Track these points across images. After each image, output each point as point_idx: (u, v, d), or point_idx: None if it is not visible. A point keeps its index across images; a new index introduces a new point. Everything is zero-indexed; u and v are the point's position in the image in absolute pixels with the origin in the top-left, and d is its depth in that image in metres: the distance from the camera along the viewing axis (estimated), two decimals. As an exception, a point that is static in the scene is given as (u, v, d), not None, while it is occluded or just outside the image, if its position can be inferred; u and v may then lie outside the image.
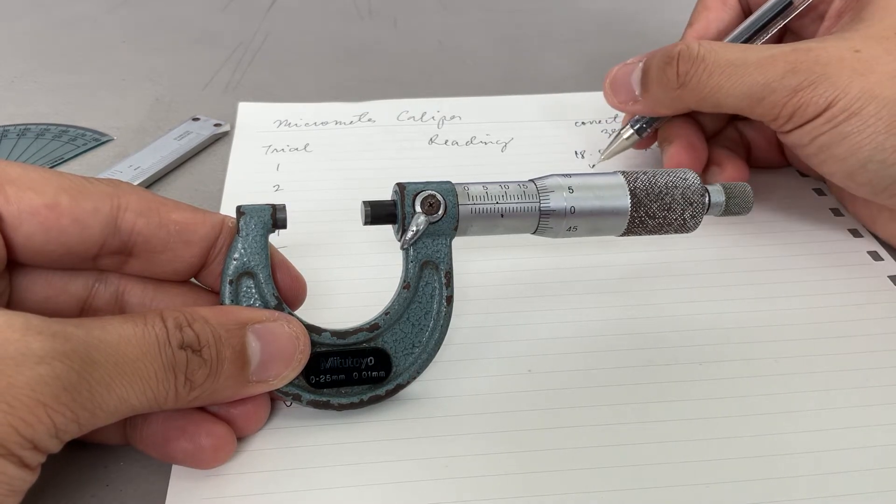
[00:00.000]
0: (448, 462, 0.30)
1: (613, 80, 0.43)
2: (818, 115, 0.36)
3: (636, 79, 0.41)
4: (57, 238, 0.27)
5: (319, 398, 0.30)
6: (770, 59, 0.37)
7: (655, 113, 0.43)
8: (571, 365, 0.34)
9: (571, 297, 0.38)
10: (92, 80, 0.58)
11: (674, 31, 0.50)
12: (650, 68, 0.41)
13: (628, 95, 0.42)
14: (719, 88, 0.37)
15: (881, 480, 0.29)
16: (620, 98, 0.43)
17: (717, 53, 0.38)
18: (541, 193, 0.32)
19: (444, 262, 0.32)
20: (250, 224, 0.30)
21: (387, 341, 0.31)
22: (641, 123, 0.44)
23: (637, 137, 0.44)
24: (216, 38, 0.66)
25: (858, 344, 0.35)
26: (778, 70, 0.36)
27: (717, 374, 0.34)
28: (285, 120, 0.52)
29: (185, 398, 0.26)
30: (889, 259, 0.41)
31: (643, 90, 0.41)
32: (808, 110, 0.36)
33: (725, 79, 0.37)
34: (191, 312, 0.27)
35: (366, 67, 0.62)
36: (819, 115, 0.36)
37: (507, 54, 0.64)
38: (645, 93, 0.41)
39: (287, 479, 0.29)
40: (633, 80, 0.42)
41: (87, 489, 0.29)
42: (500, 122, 0.53)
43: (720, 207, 0.35)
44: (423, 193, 0.31)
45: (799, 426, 0.31)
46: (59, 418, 0.22)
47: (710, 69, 0.38)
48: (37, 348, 0.22)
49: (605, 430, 0.31)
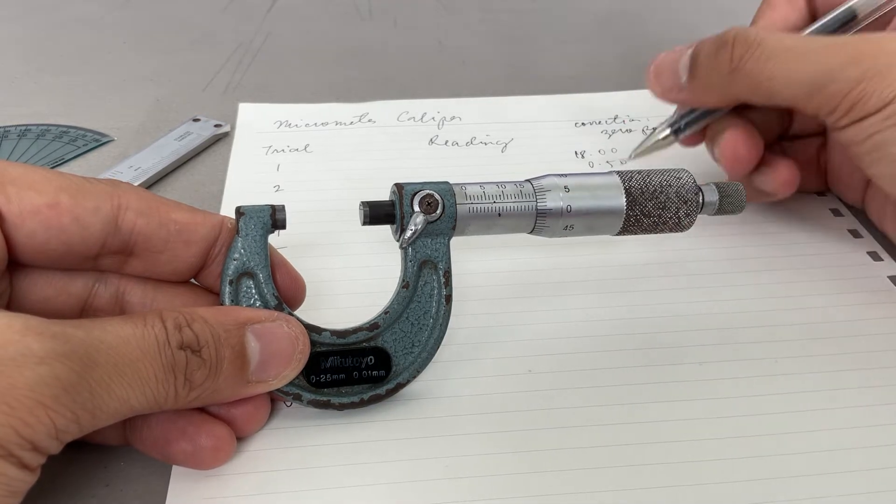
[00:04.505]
0: (448, 462, 0.30)
1: (658, 66, 0.40)
2: (879, 110, 0.33)
3: (684, 65, 0.39)
4: (58, 237, 0.27)
5: (320, 398, 0.30)
6: (833, 47, 0.34)
7: (700, 103, 0.40)
8: (571, 365, 0.34)
9: (571, 297, 0.38)
10: (92, 81, 0.58)
11: (674, 31, 0.49)
12: (700, 53, 0.38)
13: (673, 82, 0.39)
14: (775, 75, 0.35)
15: (881, 480, 0.29)
16: (665, 84, 0.40)
17: (776, 38, 0.36)
18: (537, 193, 0.33)
19: (443, 262, 0.32)
20: (250, 224, 0.30)
21: (386, 340, 0.31)
22: (680, 123, 0.41)
23: (673, 139, 0.42)
24: (216, 38, 0.66)
25: (858, 344, 0.35)
26: (840, 58, 0.34)
27: (717, 374, 0.34)
28: (285, 120, 0.52)
29: (185, 398, 0.26)
30: (889, 259, 0.41)
31: (690, 77, 0.39)
32: (869, 103, 0.34)
33: (783, 65, 0.35)
34: (190, 313, 0.27)
35: (366, 67, 0.62)
36: (881, 109, 0.33)
37: (507, 54, 0.64)
38: (692, 80, 0.38)
39: (287, 479, 0.29)
40: (680, 67, 0.39)
41: (87, 489, 0.29)
42: (499, 123, 0.53)
43: (714, 206, 0.35)
44: (422, 193, 0.31)
45: (799, 426, 0.31)
46: (59, 419, 0.22)
47: (768, 54, 0.35)
48: (37, 349, 0.22)
49: (604, 430, 0.31)
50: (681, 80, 0.39)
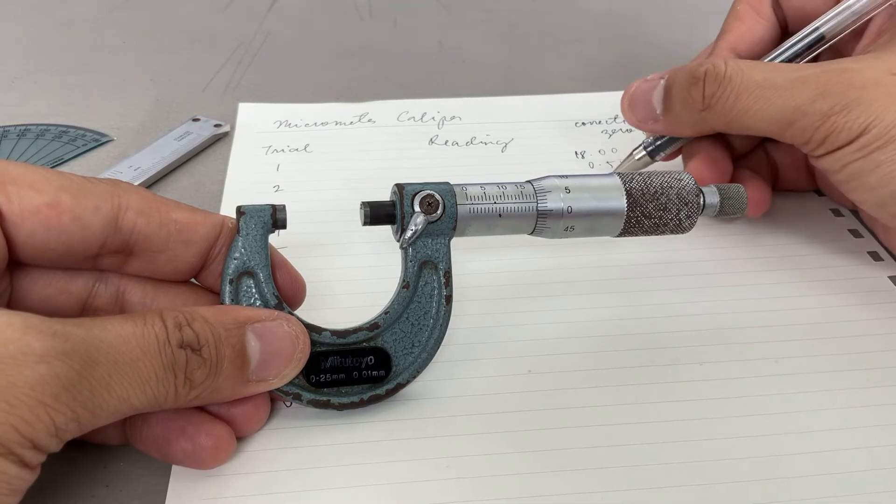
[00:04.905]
0: (448, 462, 0.30)
1: (633, 98, 0.41)
2: (850, 142, 0.34)
3: (658, 97, 0.39)
4: (58, 237, 0.27)
5: (320, 397, 0.30)
6: (800, 81, 0.35)
7: (677, 133, 0.41)
8: (571, 365, 0.34)
9: (571, 297, 0.38)
10: (92, 81, 0.58)
11: (673, 31, 0.49)
12: (673, 87, 0.38)
13: (648, 114, 0.40)
14: (746, 111, 0.36)
15: (881, 480, 0.29)
16: (639, 116, 0.40)
17: (745, 74, 0.36)
18: (538, 194, 0.33)
19: (443, 262, 0.32)
20: (250, 224, 0.30)
21: (386, 340, 0.31)
22: (656, 145, 0.42)
23: (649, 160, 0.43)
24: (216, 38, 0.66)
25: (858, 344, 0.35)
26: (809, 93, 0.34)
27: (717, 375, 0.34)
28: (285, 120, 0.52)
29: (185, 397, 0.26)
30: (889, 259, 0.41)
31: (665, 110, 0.39)
32: (840, 136, 0.34)
33: (753, 101, 0.35)
34: (190, 312, 0.27)
35: (366, 67, 0.62)
36: (851, 141, 0.34)
37: (507, 54, 0.64)
38: (667, 113, 0.39)
39: (287, 479, 0.29)
40: (654, 99, 0.39)
41: (87, 489, 0.29)
42: (500, 123, 0.53)
43: (715, 208, 0.35)
44: (422, 193, 0.31)
45: (799, 426, 0.31)
46: (59, 417, 0.22)
47: (738, 91, 0.36)
48: (37, 347, 0.22)
49: (605, 430, 0.31)
50: (655, 111, 0.40)
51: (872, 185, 0.35)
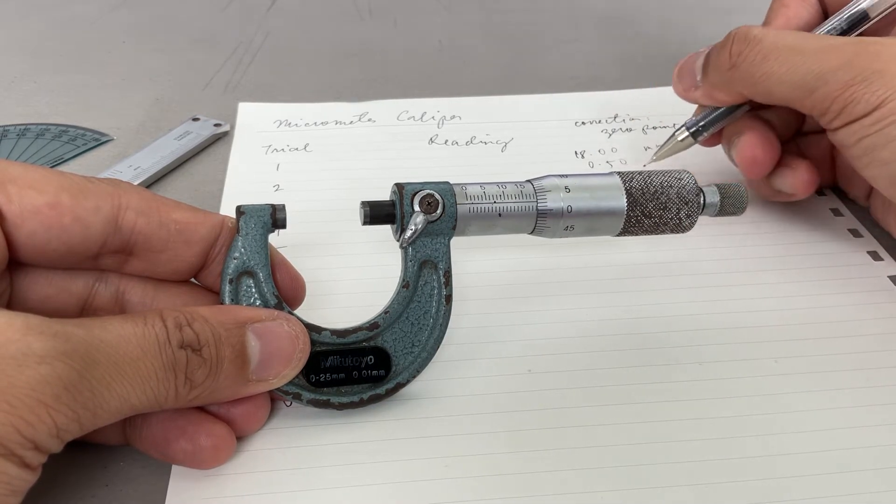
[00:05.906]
0: (448, 462, 0.30)
1: (681, 67, 0.42)
2: (867, 114, 0.34)
3: (699, 65, 0.40)
4: (58, 237, 0.27)
5: (319, 397, 0.30)
6: (828, 49, 0.35)
7: (712, 100, 0.41)
8: (571, 365, 0.34)
9: (571, 297, 0.38)
10: (92, 81, 0.58)
11: (674, 31, 0.49)
12: (711, 52, 0.39)
13: (691, 81, 0.41)
14: (771, 75, 0.36)
15: (881, 480, 0.29)
16: (684, 84, 0.41)
17: (776, 36, 0.36)
18: (538, 193, 0.33)
19: (443, 262, 0.32)
20: (250, 224, 0.30)
21: (386, 340, 0.31)
22: (698, 126, 0.42)
23: (692, 141, 0.43)
24: (216, 38, 0.66)
25: (858, 344, 0.35)
26: (834, 61, 0.35)
27: (717, 374, 0.34)
28: (285, 120, 0.52)
29: (186, 397, 0.26)
30: (889, 259, 0.41)
31: (703, 75, 0.40)
32: (857, 108, 0.34)
33: (780, 65, 0.36)
34: (190, 312, 0.27)
35: (366, 67, 0.62)
36: (868, 114, 0.34)
37: (507, 54, 0.64)
38: (704, 78, 0.40)
39: (287, 479, 0.29)
40: (696, 67, 0.40)
41: (87, 489, 0.29)
42: (500, 122, 0.53)
43: (715, 207, 0.35)
44: (422, 193, 0.31)
45: (799, 426, 0.31)
46: (60, 418, 0.22)
47: (765, 52, 0.36)
48: (38, 348, 0.22)
49: (604, 430, 0.31)
50: (696, 79, 0.40)
51: (886, 159, 0.35)
